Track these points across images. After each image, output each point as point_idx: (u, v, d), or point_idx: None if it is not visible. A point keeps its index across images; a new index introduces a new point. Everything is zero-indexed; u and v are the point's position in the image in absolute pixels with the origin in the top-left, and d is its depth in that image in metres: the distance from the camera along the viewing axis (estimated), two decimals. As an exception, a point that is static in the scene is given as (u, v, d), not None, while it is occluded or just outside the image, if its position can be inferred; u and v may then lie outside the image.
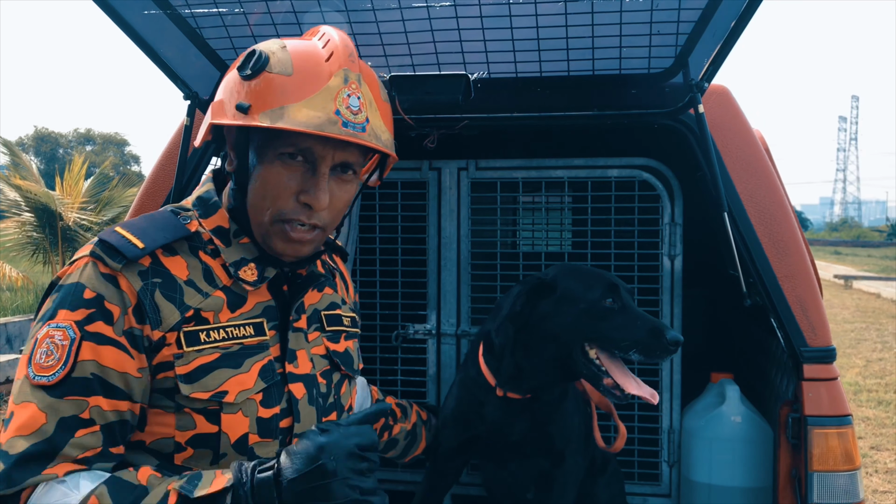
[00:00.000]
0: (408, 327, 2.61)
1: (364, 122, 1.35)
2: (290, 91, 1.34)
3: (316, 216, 1.39)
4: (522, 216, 3.13)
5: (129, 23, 2.08)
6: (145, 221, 1.41)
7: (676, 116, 2.19)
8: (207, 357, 1.35)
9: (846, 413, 2.01)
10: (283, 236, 1.40)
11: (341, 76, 1.35)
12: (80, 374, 1.26)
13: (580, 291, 1.95)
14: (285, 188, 1.37)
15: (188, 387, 1.33)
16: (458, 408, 2.22)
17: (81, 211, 12.55)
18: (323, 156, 1.36)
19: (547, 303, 1.97)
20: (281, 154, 1.36)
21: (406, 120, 2.23)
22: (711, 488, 2.27)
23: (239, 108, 1.35)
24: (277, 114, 1.32)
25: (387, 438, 2.13)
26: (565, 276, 2.00)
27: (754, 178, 2.18)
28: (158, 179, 2.45)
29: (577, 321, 1.93)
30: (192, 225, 1.43)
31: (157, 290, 1.33)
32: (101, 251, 1.32)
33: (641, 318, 1.91)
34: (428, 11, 2.04)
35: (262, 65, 1.35)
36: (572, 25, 2.03)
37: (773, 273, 2.09)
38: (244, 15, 2.17)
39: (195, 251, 1.41)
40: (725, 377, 2.40)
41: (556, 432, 2.16)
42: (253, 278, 1.43)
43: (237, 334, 1.39)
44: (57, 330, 1.27)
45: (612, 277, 1.99)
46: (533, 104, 2.31)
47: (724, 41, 1.93)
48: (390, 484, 2.61)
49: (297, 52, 1.38)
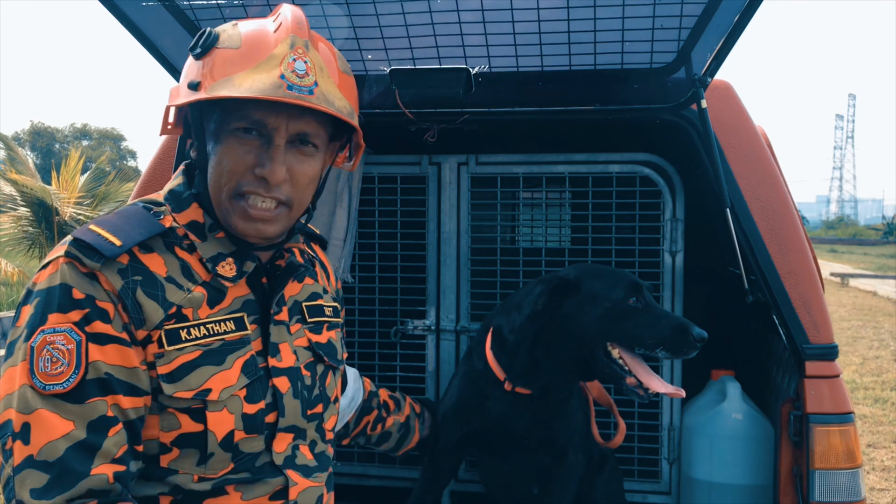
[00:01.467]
0: (407, 323, 2.59)
1: (311, 84, 1.31)
2: (236, 62, 1.32)
3: (277, 190, 1.35)
4: (522, 212, 3.11)
5: (128, 16, 2.06)
6: (119, 218, 1.37)
7: (679, 112, 2.17)
8: (189, 355, 1.32)
9: (848, 411, 2.00)
10: (242, 214, 1.36)
11: (287, 42, 1.32)
12: (95, 375, 1.23)
13: (604, 291, 1.95)
14: (240, 162, 1.34)
15: (171, 386, 1.30)
16: (460, 401, 2.20)
17: (78, 206, 12.48)
18: (276, 126, 1.33)
19: (570, 302, 1.97)
20: (235, 130, 1.34)
21: (406, 114, 2.21)
22: (712, 486, 2.26)
23: (189, 86, 1.34)
24: (224, 84, 1.30)
25: (380, 431, 2.11)
26: (588, 276, 2.00)
27: (757, 175, 2.16)
28: (156, 173, 2.42)
29: (602, 321, 1.93)
30: (165, 220, 1.39)
31: (138, 289, 1.30)
32: (77, 251, 1.28)
33: (666, 315, 1.93)
34: (429, 5, 2.02)
35: (212, 42, 1.34)
36: (574, 19, 2.01)
37: (775, 270, 2.08)
38: (243, 7, 2.15)
39: (171, 247, 1.38)
40: (726, 374, 2.39)
41: (560, 428, 2.15)
42: (231, 273, 1.40)
43: (218, 330, 1.36)
44: (56, 335, 1.23)
45: (635, 277, 1.99)
46: (534, 99, 2.30)
47: (728, 36, 1.91)
48: (387, 480, 2.60)
49: (247, 27, 1.36)
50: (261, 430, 1.38)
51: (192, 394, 1.31)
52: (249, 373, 1.38)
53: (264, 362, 1.42)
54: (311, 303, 1.57)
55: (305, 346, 1.51)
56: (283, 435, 1.43)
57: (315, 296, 1.59)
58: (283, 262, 1.50)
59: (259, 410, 1.38)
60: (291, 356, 1.47)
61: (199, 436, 1.32)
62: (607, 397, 2.30)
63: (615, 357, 1.95)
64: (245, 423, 1.36)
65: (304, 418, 1.46)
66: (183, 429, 1.32)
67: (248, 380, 1.37)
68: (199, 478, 1.33)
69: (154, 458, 1.33)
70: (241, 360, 1.38)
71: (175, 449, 1.32)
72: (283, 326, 1.47)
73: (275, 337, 1.45)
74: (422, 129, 2.34)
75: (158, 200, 1.45)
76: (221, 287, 1.40)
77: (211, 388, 1.33)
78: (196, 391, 1.31)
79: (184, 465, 1.33)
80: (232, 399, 1.35)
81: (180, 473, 1.33)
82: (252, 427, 1.37)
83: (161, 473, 1.33)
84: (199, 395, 1.31)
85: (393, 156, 2.56)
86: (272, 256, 1.49)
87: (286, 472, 1.42)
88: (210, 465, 1.33)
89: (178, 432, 1.32)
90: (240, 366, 1.37)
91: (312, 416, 1.49)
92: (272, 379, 1.42)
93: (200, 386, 1.32)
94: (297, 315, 1.52)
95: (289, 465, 1.43)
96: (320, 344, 1.55)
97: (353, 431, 2.07)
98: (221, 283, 1.40)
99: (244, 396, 1.36)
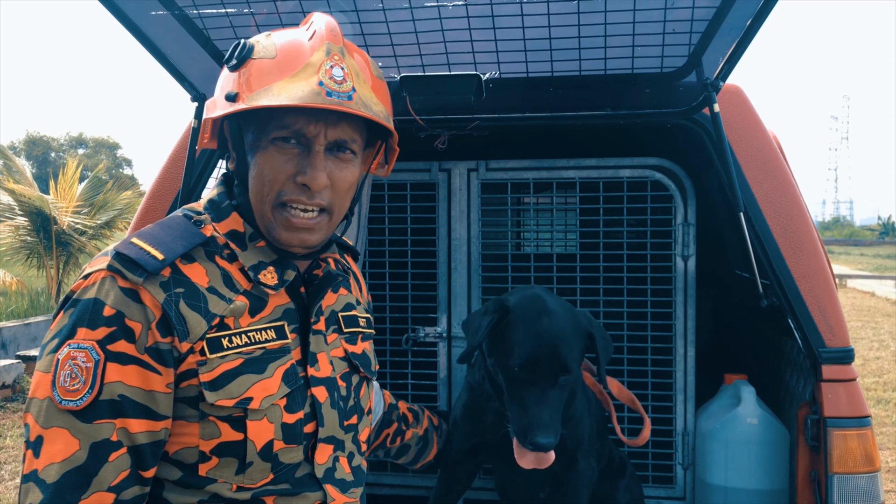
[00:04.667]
0: (418, 330, 2.58)
1: (350, 90, 1.32)
2: (273, 72, 1.32)
3: (318, 196, 1.36)
4: (533, 217, 3.11)
5: (136, 24, 2.05)
6: (161, 230, 1.37)
7: (690, 116, 2.17)
8: (231, 363, 1.32)
9: (866, 414, 1.99)
10: (285, 224, 1.36)
11: (323, 50, 1.33)
12: (108, 397, 1.23)
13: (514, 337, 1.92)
14: (281, 171, 1.34)
15: (213, 394, 1.29)
16: (466, 412, 2.19)
17: (76, 214, 12.47)
18: (315, 134, 1.34)
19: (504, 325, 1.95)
20: (274, 139, 1.34)
21: (417, 121, 2.20)
22: (728, 490, 2.25)
23: (227, 98, 1.34)
24: (263, 94, 1.31)
25: (399, 444, 2.10)
26: (519, 313, 1.96)
27: (770, 178, 2.16)
28: (165, 182, 2.41)
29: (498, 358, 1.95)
30: (206, 230, 1.40)
31: (181, 301, 1.29)
32: (120, 264, 1.28)
33: (535, 406, 1.87)
34: (439, 11, 2.01)
35: (247, 53, 1.35)
36: (584, 24, 2.01)
37: (789, 273, 2.07)
38: (252, 15, 2.14)
39: (212, 256, 1.38)
40: (739, 378, 2.38)
41: (566, 435, 2.13)
42: (273, 282, 1.40)
43: (259, 339, 1.36)
44: (79, 351, 1.23)
45: (554, 344, 1.89)
46: (544, 104, 2.29)
47: (740, 39, 1.91)
48: (402, 489, 2.59)
49: (281, 38, 1.37)
50: (299, 440, 1.38)
51: (233, 402, 1.30)
52: (290, 382, 1.37)
53: (303, 372, 1.41)
54: (347, 313, 1.57)
55: (341, 356, 1.51)
56: (324, 446, 1.42)
57: (350, 306, 1.59)
58: (320, 271, 1.49)
59: (298, 420, 1.37)
60: (328, 366, 1.46)
61: (239, 444, 1.31)
62: (627, 393, 2.28)
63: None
64: (284, 432, 1.35)
65: (341, 429, 1.46)
66: (223, 437, 1.31)
67: (288, 389, 1.37)
68: (237, 487, 1.32)
69: (193, 467, 1.32)
70: (281, 369, 1.37)
71: (214, 457, 1.31)
72: (321, 336, 1.47)
73: (313, 347, 1.44)
74: (432, 135, 2.33)
75: (199, 210, 1.45)
76: (263, 295, 1.40)
77: (252, 397, 1.32)
78: (238, 399, 1.31)
79: (223, 474, 1.32)
80: (272, 408, 1.34)
81: (219, 482, 1.32)
82: (291, 437, 1.36)
83: (200, 482, 1.32)
84: (240, 404, 1.31)
85: (402, 162, 2.55)
86: (309, 266, 1.49)
87: (325, 486, 1.41)
88: (248, 475, 1.33)
89: (218, 441, 1.31)
90: (280, 375, 1.36)
91: (349, 427, 1.49)
92: (311, 388, 1.41)
93: (242, 394, 1.31)
94: (333, 325, 1.52)
95: (328, 479, 1.43)
96: (356, 354, 1.55)
97: (373, 444, 2.07)
98: (263, 292, 1.39)
99: (284, 406, 1.36)
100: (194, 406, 1.30)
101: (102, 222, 12.77)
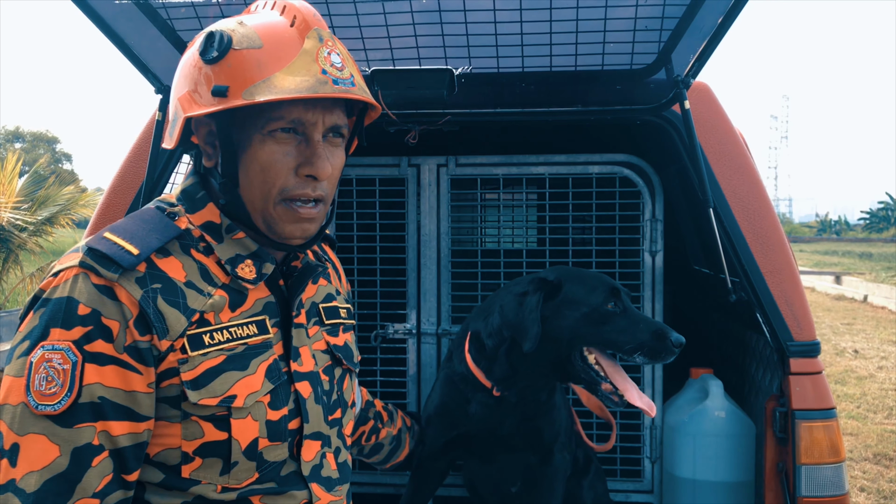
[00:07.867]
0: (387, 327, 2.55)
1: (350, 77, 1.30)
2: (266, 62, 1.27)
3: (320, 187, 1.33)
4: (501, 213, 3.11)
5: (100, 15, 1.99)
6: (134, 223, 1.31)
7: (660, 112, 2.19)
8: (213, 360, 1.27)
9: (831, 406, 2.04)
10: (291, 217, 1.32)
11: (315, 36, 1.29)
12: (88, 399, 1.18)
13: (583, 295, 1.94)
14: (282, 164, 1.30)
15: (196, 393, 1.25)
16: (442, 405, 2.17)
17: (15, 210, 12.08)
18: (314, 122, 1.30)
19: (548, 306, 1.95)
20: (272, 130, 1.29)
21: (389, 115, 2.18)
22: (696, 483, 2.28)
23: (216, 92, 1.27)
24: (263, 87, 1.25)
25: (374, 442, 2.08)
26: (568, 279, 1.98)
27: (738, 175, 2.19)
28: (127, 176, 2.34)
29: (580, 325, 1.92)
30: (181, 222, 1.34)
31: (158, 297, 1.24)
32: (93, 260, 1.22)
33: (644, 320, 1.92)
34: (410, 4, 1.99)
35: (228, 44, 1.28)
36: (556, 21, 2.01)
37: (758, 268, 2.11)
38: (218, 6, 2.09)
39: (187, 250, 1.33)
40: (706, 372, 2.41)
41: (545, 426, 2.14)
42: (251, 276, 1.35)
43: (241, 334, 1.32)
44: (54, 353, 1.18)
45: (613, 281, 1.98)
46: (515, 100, 2.29)
47: (710, 38, 1.93)
48: (372, 487, 2.56)
49: (259, 25, 1.31)
50: (284, 437, 1.34)
51: (217, 400, 1.26)
52: (273, 378, 1.33)
53: (286, 367, 1.37)
54: (328, 304, 1.53)
55: (323, 349, 1.47)
56: (311, 442, 1.39)
57: (330, 297, 1.55)
58: (298, 262, 1.45)
59: (282, 417, 1.34)
60: (311, 360, 1.42)
61: (223, 444, 1.27)
62: (596, 401, 2.29)
63: (591, 362, 1.94)
64: (269, 430, 1.31)
65: (326, 424, 1.43)
66: (206, 437, 1.26)
67: (272, 385, 1.33)
68: (222, 488, 1.28)
69: (176, 468, 1.27)
70: (264, 365, 1.33)
71: (197, 458, 1.27)
72: (303, 330, 1.43)
73: (295, 341, 1.40)
74: (402, 130, 2.31)
75: (171, 201, 1.39)
76: (242, 289, 1.35)
77: (236, 395, 1.28)
78: (221, 398, 1.26)
79: (207, 475, 1.28)
80: (256, 406, 1.30)
81: (203, 483, 1.27)
82: (276, 434, 1.32)
83: (183, 484, 1.27)
84: (223, 402, 1.26)
85: (371, 157, 2.52)
86: (287, 257, 1.44)
87: (311, 485, 1.38)
88: (233, 475, 1.29)
89: (202, 441, 1.26)
90: (263, 371, 1.32)
91: (333, 422, 1.45)
92: (294, 384, 1.37)
93: (225, 392, 1.27)
94: (314, 317, 1.48)
95: (314, 477, 1.39)
96: (338, 346, 1.51)
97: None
98: (241, 286, 1.35)
99: (268, 403, 1.32)
100: (176, 406, 1.26)
101: (44, 218, 12.39)
